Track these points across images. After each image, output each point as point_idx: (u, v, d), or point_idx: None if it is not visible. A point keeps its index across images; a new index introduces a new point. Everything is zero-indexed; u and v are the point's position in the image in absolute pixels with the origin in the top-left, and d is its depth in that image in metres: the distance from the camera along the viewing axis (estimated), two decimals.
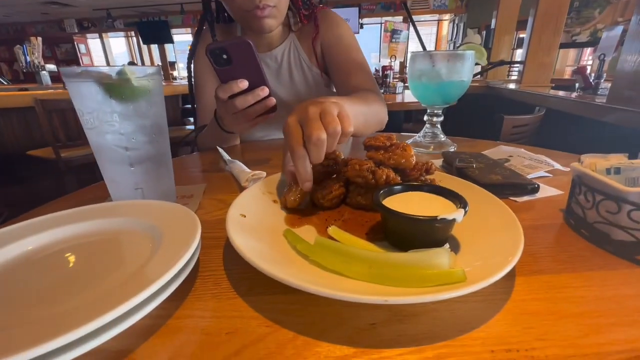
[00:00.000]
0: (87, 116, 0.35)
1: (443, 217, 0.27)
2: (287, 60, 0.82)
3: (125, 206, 0.37)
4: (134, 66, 0.35)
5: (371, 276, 0.25)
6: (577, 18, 3.28)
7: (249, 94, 0.51)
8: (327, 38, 0.80)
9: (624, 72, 1.27)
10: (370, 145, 0.41)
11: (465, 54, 0.61)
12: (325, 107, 0.36)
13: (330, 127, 0.34)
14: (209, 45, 0.47)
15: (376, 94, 0.70)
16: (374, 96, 0.68)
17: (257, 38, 0.80)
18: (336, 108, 0.37)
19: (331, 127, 0.34)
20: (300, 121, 0.36)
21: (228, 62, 0.49)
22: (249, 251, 0.27)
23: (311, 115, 0.35)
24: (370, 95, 0.67)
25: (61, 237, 0.32)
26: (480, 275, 0.23)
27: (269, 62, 0.82)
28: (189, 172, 0.62)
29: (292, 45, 0.82)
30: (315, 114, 0.35)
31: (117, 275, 0.27)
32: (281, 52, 0.81)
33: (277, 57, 0.82)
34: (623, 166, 0.33)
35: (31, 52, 3.79)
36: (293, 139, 0.35)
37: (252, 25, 0.72)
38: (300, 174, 0.35)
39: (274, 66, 0.82)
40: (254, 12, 0.67)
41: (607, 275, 0.28)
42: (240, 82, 0.50)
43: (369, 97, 0.65)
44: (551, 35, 2.35)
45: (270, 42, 0.81)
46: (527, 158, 0.57)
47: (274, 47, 0.81)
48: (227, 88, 0.50)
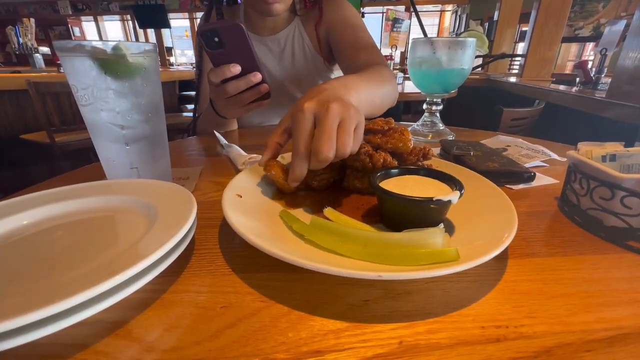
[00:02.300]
0: (81, 92, 0.34)
1: (438, 198, 0.27)
2: (290, 44, 0.81)
3: (121, 184, 0.36)
4: (128, 42, 0.35)
5: (366, 255, 0.25)
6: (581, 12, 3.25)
7: (241, 79, 0.50)
8: (331, 21, 0.79)
9: (625, 67, 1.27)
10: (368, 129, 0.41)
11: (466, 41, 0.60)
12: (346, 116, 0.32)
13: (341, 150, 0.31)
14: (200, 27, 0.46)
15: (387, 70, 0.68)
16: (386, 72, 0.65)
17: (261, 21, 0.79)
18: (356, 119, 0.33)
19: (341, 150, 0.31)
20: (316, 116, 0.32)
21: (220, 45, 0.47)
22: (244, 228, 0.27)
23: (330, 120, 0.31)
24: (383, 72, 0.63)
25: (57, 212, 0.31)
26: (473, 254, 0.23)
27: (272, 46, 0.81)
28: (186, 155, 0.62)
29: (296, 29, 0.81)
30: (334, 123, 0.31)
31: (112, 250, 0.27)
32: (284, 36, 0.81)
33: (281, 41, 0.81)
34: (619, 153, 0.33)
35: (24, 33, 3.70)
36: (301, 136, 0.32)
37: (259, 8, 0.71)
38: (295, 173, 0.33)
39: (277, 50, 0.82)
40: None
41: (598, 259, 0.29)
42: (232, 66, 0.49)
43: (382, 74, 0.62)
44: (554, 28, 2.33)
45: (274, 25, 0.80)
46: (525, 148, 0.57)
47: (278, 31, 0.81)
48: (219, 72, 0.49)
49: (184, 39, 8.86)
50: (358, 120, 0.33)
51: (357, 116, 0.33)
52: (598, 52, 1.96)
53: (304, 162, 0.32)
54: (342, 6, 0.79)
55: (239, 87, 0.51)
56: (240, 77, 0.50)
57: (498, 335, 0.21)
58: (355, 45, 0.74)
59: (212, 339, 0.21)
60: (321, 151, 0.30)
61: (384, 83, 0.59)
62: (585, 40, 3.48)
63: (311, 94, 0.35)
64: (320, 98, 0.33)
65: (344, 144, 0.31)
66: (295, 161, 0.33)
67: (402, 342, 0.20)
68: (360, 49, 0.73)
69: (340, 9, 0.79)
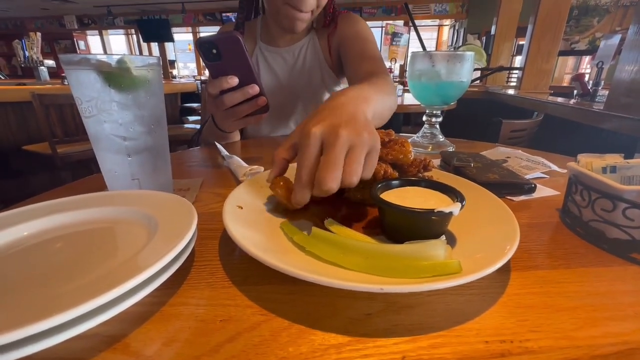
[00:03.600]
0: (85, 104, 0.35)
1: (440, 210, 0.27)
2: (303, 55, 0.85)
3: (122, 195, 0.36)
4: (133, 56, 0.35)
5: (367, 267, 0.25)
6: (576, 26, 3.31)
7: (238, 92, 0.51)
8: (345, 33, 0.82)
9: (621, 80, 1.29)
10: None
11: (464, 54, 0.61)
12: (357, 142, 0.30)
13: (347, 180, 0.29)
14: (199, 39, 0.46)
15: (391, 80, 0.70)
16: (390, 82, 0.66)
17: (280, 34, 0.83)
18: (368, 145, 0.30)
19: (347, 180, 0.29)
20: (324, 142, 0.30)
21: (218, 57, 0.48)
22: (245, 240, 0.27)
23: (337, 149, 0.29)
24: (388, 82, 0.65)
25: (57, 224, 0.31)
26: (476, 267, 0.23)
27: (287, 57, 0.85)
28: (187, 166, 0.62)
29: (310, 42, 0.85)
30: (342, 152, 0.29)
31: (111, 261, 0.27)
32: (299, 48, 0.84)
33: (295, 52, 0.84)
34: (619, 165, 0.33)
35: (30, 47, 3.77)
36: (306, 163, 0.30)
37: (283, 22, 0.74)
38: (296, 198, 0.31)
39: (291, 60, 0.85)
40: (293, 13, 0.70)
41: (602, 271, 0.29)
42: (229, 78, 0.49)
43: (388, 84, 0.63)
44: (550, 42, 2.37)
45: (291, 37, 0.84)
46: (525, 159, 0.58)
47: (294, 42, 0.84)
48: (217, 83, 0.50)
49: (186, 52, 9.04)
50: (371, 145, 0.31)
51: (371, 141, 0.31)
52: (595, 65, 1.99)
53: (306, 190, 0.30)
54: (356, 21, 0.83)
55: (235, 98, 0.51)
56: (237, 89, 0.51)
57: (502, 350, 0.20)
58: (362, 55, 0.77)
59: (211, 354, 0.20)
60: (324, 182, 0.28)
61: (390, 94, 0.60)
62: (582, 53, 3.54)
63: (322, 114, 0.33)
64: (332, 122, 0.31)
65: (351, 173, 0.29)
66: (297, 188, 0.31)
67: (404, 357, 0.20)
68: (366, 59, 0.76)
69: (354, 23, 0.83)
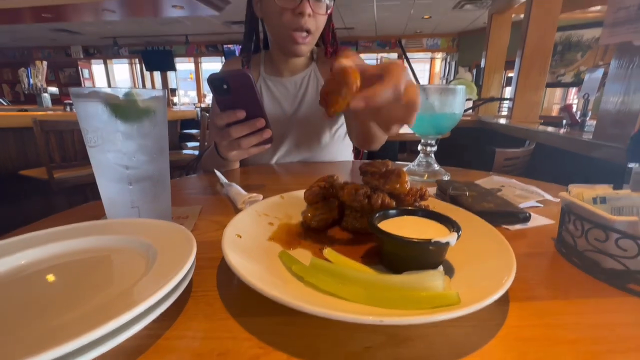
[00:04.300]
0: (91, 134, 0.36)
1: (437, 240, 0.28)
2: (305, 85, 0.89)
3: (121, 224, 0.37)
4: (140, 89, 0.37)
5: (366, 298, 0.25)
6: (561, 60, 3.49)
7: (245, 124, 0.53)
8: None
9: (607, 111, 1.34)
10: (366, 170, 0.42)
11: (456, 88, 0.64)
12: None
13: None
14: (210, 75, 0.49)
15: None
16: None
17: (284, 64, 0.88)
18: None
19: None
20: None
21: (228, 91, 0.50)
22: (244, 270, 0.27)
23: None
24: None
25: (55, 252, 0.31)
26: (474, 298, 0.23)
27: (290, 87, 0.89)
28: (186, 193, 0.62)
29: (312, 73, 0.90)
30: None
31: (108, 292, 0.26)
32: (302, 78, 0.89)
33: (297, 82, 0.89)
34: (608, 196, 0.34)
35: (35, 75, 3.87)
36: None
37: (287, 47, 0.80)
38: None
39: (293, 90, 0.89)
40: (294, 35, 0.76)
41: (600, 302, 0.29)
42: (238, 112, 0.52)
43: None
44: (537, 75, 2.49)
45: (294, 68, 0.89)
46: (519, 188, 0.59)
47: (297, 73, 0.89)
48: (225, 116, 0.52)
49: (188, 81, 9.31)
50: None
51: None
52: (581, 97, 2.08)
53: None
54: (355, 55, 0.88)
55: (242, 131, 0.54)
56: (245, 122, 0.53)
57: None
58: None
59: None
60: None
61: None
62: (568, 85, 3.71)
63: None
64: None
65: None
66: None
67: None
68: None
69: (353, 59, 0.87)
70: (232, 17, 5.53)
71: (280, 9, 0.75)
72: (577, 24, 3.33)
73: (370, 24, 6.22)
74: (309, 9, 0.74)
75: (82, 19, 5.50)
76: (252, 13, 0.86)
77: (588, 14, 3.46)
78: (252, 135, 0.55)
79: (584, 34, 3.32)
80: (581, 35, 3.34)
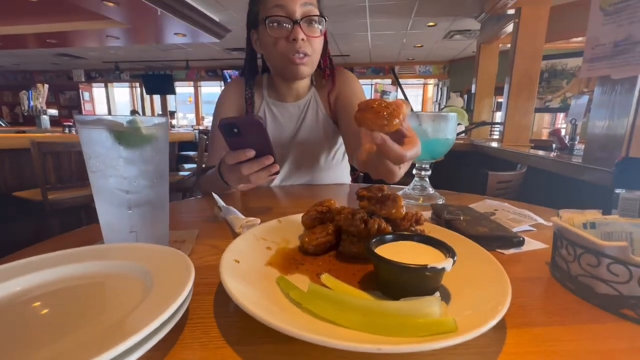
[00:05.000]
0: (93, 160, 0.37)
1: (433, 265, 0.28)
2: (306, 109, 0.92)
3: (118, 249, 0.36)
4: (143, 117, 0.38)
5: (364, 325, 0.25)
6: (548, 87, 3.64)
7: (255, 162, 0.55)
8: (343, 92, 0.91)
9: (594, 135, 1.39)
10: (362, 195, 0.43)
11: (448, 115, 0.67)
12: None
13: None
14: (222, 120, 0.51)
15: None
16: None
17: (287, 89, 0.91)
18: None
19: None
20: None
21: (238, 134, 0.53)
22: (242, 297, 0.27)
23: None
24: None
25: (51, 278, 0.31)
26: (471, 324, 0.23)
27: (293, 111, 0.92)
28: (183, 217, 0.63)
29: (313, 97, 0.93)
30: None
31: (102, 321, 0.26)
32: (305, 103, 0.93)
33: (301, 106, 0.92)
34: (598, 221, 0.35)
35: (36, 97, 3.92)
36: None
37: (288, 72, 0.82)
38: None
39: (297, 114, 0.92)
40: (292, 58, 0.78)
41: (596, 328, 0.29)
42: (247, 151, 0.54)
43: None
44: (526, 101, 2.58)
45: (297, 93, 0.92)
46: (512, 212, 0.60)
47: (300, 98, 0.93)
48: (235, 156, 0.55)
49: (187, 104, 9.46)
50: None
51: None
52: (569, 121, 2.16)
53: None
54: (352, 81, 0.93)
55: (252, 169, 0.56)
56: (255, 160, 0.55)
57: None
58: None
59: None
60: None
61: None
62: (556, 111, 3.84)
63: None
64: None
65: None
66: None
67: None
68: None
69: (352, 83, 0.92)
70: (232, 44, 5.73)
71: (275, 40, 0.78)
72: (561, 54, 3.50)
73: (364, 51, 6.48)
74: (301, 34, 0.77)
75: (86, 45, 5.68)
76: (251, 49, 0.90)
77: (570, 44, 3.65)
78: (261, 171, 0.57)
79: (568, 62, 3.49)
80: (565, 63, 3.51)
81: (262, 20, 0.78)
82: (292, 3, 0.76)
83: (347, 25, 4.67)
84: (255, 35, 0.86)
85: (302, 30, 0.77)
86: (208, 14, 4.24)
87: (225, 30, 4.76)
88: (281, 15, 0.76)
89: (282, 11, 0.76)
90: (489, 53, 3.44)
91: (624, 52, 1.11)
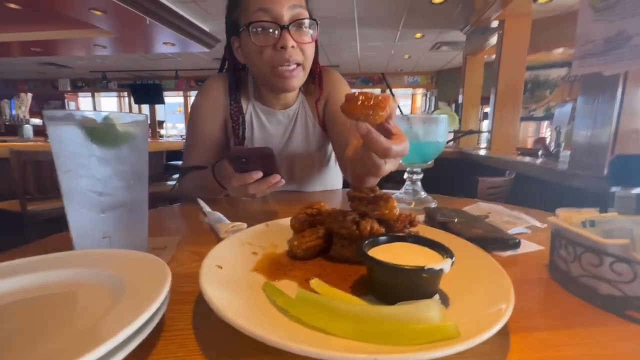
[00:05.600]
0: (62, 159, 0.34)
1: (430, 267, 0.26)
2: (295, 119, 0.88)
3: (88, 255, 0.33)
4: (120, 113, 0.36)
5: (357, 333, 0.22)
6: (532, 97, 3.76)
7: (263, 183, 0.54)
8: (331, 98, 0.87)
9: (579, 143, 1.42)
10: (354, 196, 0.41)
11: (439, 117, 0.66)
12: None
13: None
14: (231, 152, 0.51)
15: None
16: None
17: (274, 97, 0.85)
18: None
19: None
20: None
21: (246, 162, 0.53)
22: (222, 305, 0.24)
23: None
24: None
25: (13, 287, 0.28)
26: (473, 330, 0.21)
27: (282, 119, 0.87)
28: (165, 223, 0.59)
29: (302, 105, 0.89)
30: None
31: (63, 334, 0.23)
32: (294, 110, 0.88)
33: (290, 114, 0.88)
34: (597, 219, 0.34)
35: (18, 106, 3.82)
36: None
37: (276, 84, 0.74)
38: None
39: (286, 123, 0.88)
40: (282, 71, 0.71)
41: (601, 332, 0.27)
42: (255, 174, 0.53)
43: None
44: (511, 110, 2.64)
45: (286, 102, 0.87)
46: (505, 215, 0.59)
47: (289, 105, 0.87)
48: (242, 179, 0.53)
49: (176, 114, 9.39)
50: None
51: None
52: (554, 129, 2.21)
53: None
54: (340, 84, 0.89)
55: (260, 189, 0.55)
56: (262, 180, 0.54)
57: None
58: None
59: None
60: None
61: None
62: (540, 119, 3.96)
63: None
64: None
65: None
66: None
67: None
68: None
69: (339, 87, 0.88)
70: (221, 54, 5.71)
71: (260, 48, 0.69)
72: (544, 65, 3.63)
73: (354, 61, 6.57)
74: (291, 40, 0.68)
75: (72, 54, 5.59)
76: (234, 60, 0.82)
77: (552, 56, 3.79)
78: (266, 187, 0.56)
79: (551, 73, 3.62)
80: (548, 74, 3.64)
81: (244, 26, 0.69)
82: (278, 6, 0.67)
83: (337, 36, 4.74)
84: (236, 42, 0.77)
85: (292, 36, 0.68)
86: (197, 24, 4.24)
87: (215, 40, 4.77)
88: (266, 20, 0.67)
89: (267, 16, 0.67)
90: (474, 64, 3.53)
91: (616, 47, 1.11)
